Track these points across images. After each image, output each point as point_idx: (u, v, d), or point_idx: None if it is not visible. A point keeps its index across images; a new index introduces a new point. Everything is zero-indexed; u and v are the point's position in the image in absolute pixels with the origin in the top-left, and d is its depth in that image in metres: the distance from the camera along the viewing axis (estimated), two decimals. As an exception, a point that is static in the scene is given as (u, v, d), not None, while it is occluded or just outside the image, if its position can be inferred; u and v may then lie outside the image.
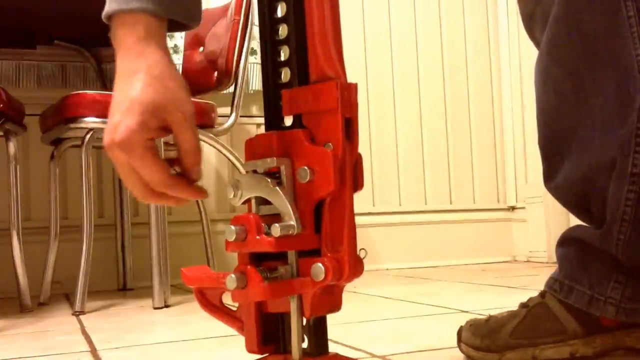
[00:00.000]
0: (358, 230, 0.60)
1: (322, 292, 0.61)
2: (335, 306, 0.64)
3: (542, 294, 0.86)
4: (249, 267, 0.60)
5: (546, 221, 2.40)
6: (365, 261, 0.61)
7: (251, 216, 0.60)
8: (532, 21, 0.89)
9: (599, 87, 0.79)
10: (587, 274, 0.82)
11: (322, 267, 0.59)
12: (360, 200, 0.59)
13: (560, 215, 2.35)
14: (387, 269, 2.42)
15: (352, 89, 0.60)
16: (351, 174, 0.60)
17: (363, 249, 0.61)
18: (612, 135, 0.78)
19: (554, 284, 0.85)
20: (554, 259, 0.89)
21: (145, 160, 0.64)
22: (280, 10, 0.63)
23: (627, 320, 0.80)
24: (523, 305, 0.87)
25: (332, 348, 0.66)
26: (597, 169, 0.79)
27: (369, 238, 2.42)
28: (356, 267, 0.60)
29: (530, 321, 0.84)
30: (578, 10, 0.79)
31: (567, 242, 0.87)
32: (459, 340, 0.89)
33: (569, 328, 0.82)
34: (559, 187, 0.86)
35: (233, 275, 0.60)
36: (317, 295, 0.61)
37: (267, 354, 0.65)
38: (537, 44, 0.88)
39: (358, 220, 0.60)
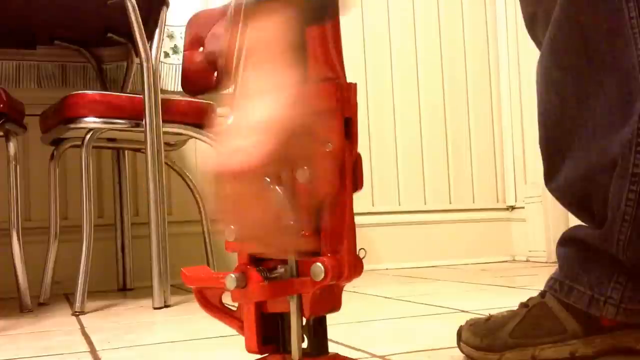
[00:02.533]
0: (357, 230, 0.61)
1: (322, 292, 0.61)
2: (335, 306, 0.64)
3: (542, 294, 0.86)
4: (248, 267, 0.60)
5: (545, 221, 2.40)
6: (364, 261, 0.61)
7: (250, 216, 0.60)
8: (534, 22, 0.89)
9: (601, 88, 0.79)
10: (587, 274, 0.82)
11: (322, 267, 0.59)
12: (360, 200, 0.59)
13: (559, 215, 2.35)
14: (387, 269, 2.42)
15: (351, 89, 0.60)
16: (351, 173, 0.60)
17: (362, 248, 0.61)
18: (614, 136, 0.78)
19: (554, 284, 0.85)
20: (553, 258, 0.90)
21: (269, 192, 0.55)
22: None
23: (627, 320, 0.80)
24: (523, 305, 0.87)
25: (332, 348, 0.66)
26: (598, 169, 0.80)
27: (369, 238, 2.42)
28: (356, 267, 0.60)
29: (530, 321, 0.84)
30: (580, 11, 0.79)
31: (568, 242, 0.87)
32: (459, 340, 0.90)
33: (569, 328, 0.82)
34: (560, 187, 0.86)
35: (233, 275, 0.60)
36: (317, 295, 0.61)
37: (266, 354, 0.65)
38: (539, 45, 0.88)
39: (357, 220, 0.60)
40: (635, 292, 0.80)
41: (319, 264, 0.59)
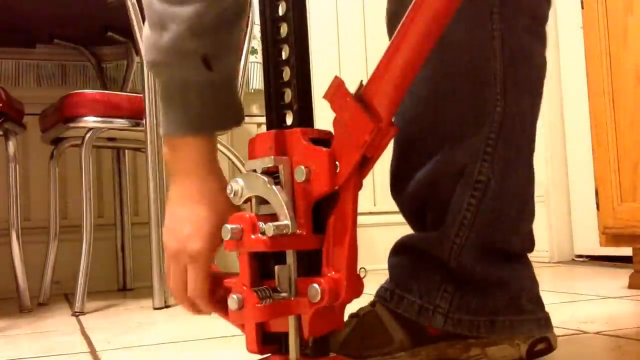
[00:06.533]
0: (359, 230, 0.60)
1: (322, 312, 0.60)
2: (336, 325, 0.62)
3: (373, 303, 0.83)
4: (245, 287, 0.59)
5: (547, 221, 2.39)
6: (365, 261, 0.60)
7: (247, 215, 0.59)
8: (395, 19, 0.84)
9: (456, 97, 0.78)
10: (417, 283, 0.80)
11: (318, 289, 0.58)
12: (362, 200, 0.58)
13: (561, 215, 2.35)
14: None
15: (387, 134, 0.58)
16: (355, 201, 0.59)
17: (363, 267, 0.60)
18: (464, 144, 0.78)
19: (384, 293, 0.83)
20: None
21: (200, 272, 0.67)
22: (281, 9, 0.63)
23: (453, 330, 0.79)
24: (353, 315, 0.83)
25: (333, 349, 0.65)
26: (445, 175, 0.79)
27: (370, 237, 2.42)
28: (355, 287, 0.59)
29: (360, 332, 0.81)
30: None
31: (399, 251, 0.85)
32: None
33: (396, 339, 0.80)
34: (405, 194, 0.84)
35: (235, 296, 0.59)
36: (316, 315, 0.60)
37: (269, 354, 0.65)
38: None
39: (359, 219, 0.59)
40: (462, 301, 0.78)
41: (315, 285, 0.58)
